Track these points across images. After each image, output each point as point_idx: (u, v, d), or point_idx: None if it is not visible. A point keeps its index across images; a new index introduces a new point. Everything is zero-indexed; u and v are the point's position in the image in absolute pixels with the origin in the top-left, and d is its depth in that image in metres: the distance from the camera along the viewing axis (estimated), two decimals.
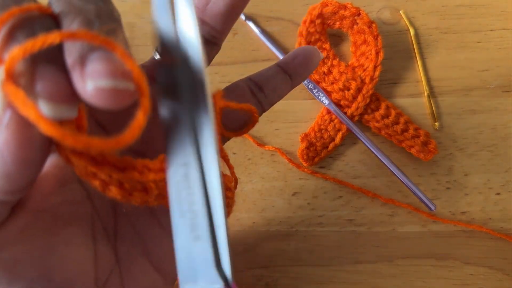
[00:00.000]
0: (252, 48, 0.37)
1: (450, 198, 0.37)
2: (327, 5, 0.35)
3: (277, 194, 0.37)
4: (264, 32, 0.37)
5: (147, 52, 0.37)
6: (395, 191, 0.36)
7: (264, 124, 0.37)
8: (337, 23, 0.36)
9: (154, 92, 0.16)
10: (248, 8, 0.37)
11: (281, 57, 0.37)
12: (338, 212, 0.37)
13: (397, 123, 0.36)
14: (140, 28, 0.37)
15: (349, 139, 0.37)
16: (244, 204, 0.37)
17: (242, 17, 0.37)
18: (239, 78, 0.37)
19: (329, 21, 0.36)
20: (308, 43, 0.36)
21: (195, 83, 0.16)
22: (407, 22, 0.37)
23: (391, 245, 0.36)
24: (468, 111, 0.37)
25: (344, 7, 0.35)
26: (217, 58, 0.37)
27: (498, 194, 0.37)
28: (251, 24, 0.37)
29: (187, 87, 0.16)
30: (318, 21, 0.36)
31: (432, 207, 0.34)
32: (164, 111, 0.17)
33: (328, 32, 0.37)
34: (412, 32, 0.37)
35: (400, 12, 0.38)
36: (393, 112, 0.36)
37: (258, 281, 0.36)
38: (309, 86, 0.36)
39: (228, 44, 0.37)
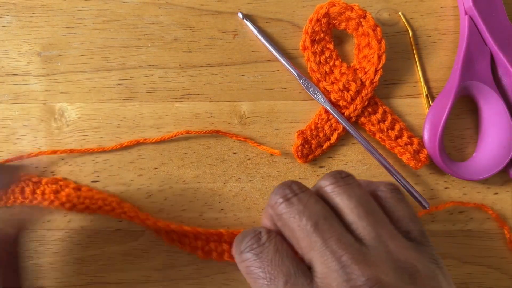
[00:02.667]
0: (252, 49, 0.38)
1: (449, 198, 0.37)
2: (334, 5, 0.36)
3: None
4: (262, 31, 0.37)
5: (149, 53, 0.38)
6: None
7: (264, 124, 0.37)
8: (343, 24, 0.37)
9: None
10: (247, 9, 0.38)
11: (278, 56, 0.37)
12: None
13: (392, 128, 0.36)
14: (141, 30, 0.38)
15: (349, 139, 0.37)
16: (244, 204, 0.37)
17: (240, 15, 0.37)
18: (239, 79, 0.38)
19: (335, 21, 0.37)
20: (313, 41, 0.36)
21: None
22: (406, 23, 0.38)
23: None
24: (466, 111, 0.38)
25: (351, 9, 0.35)
26: (217, 59, 0.38)
27: (496, 194, 0.37)
28: (248, 23, 0.37)
29: None
30: (324, 20, 0.36)
31: (426, 205, 0.35)
32: None
33: (333, 32, 0.38)
34: (410, 33, 0.38)
35: (399, 13, 0.38)
36: (389, 118, 0.37)
37: None
38: (305, 85, 0.36)
39: (228, 45, 0.38)
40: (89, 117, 0.37)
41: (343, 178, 0.27)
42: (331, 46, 0.37)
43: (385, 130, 0.36)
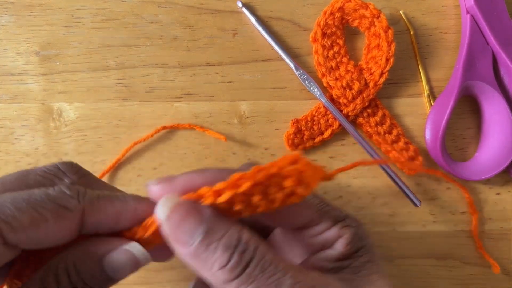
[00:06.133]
0: (252, 48, 0.38)
1: (450, 198, 0.37)
2: (350, 1, 0.35)
3: None
4: (260, 22, 0.37)
5: (147, 52, 0.37)
6: (395, 191, 0.37)
7: (264, 124, 0.37)
8: (356, 21, 0.36)
9: None
10: (248, 8, 0.37)
11: (277, 48, 0.36)
12: None
13: (389, 133, 0.36)
14: (140, 28, 0.37)
15: (350, 139, 0.37)
16: None
17: (239, 4, 0.37)
18: (239, 78, 0.37)
19: (349, 17, 0.36)
20: (324, 34, 0.36)
21: None
22: (407, 22, 0.38)
23: (391, 245, 0.36)
24: (468, 110, 0.37)
25: (366, 7, 0.35)
26: (217, 58, 0.37)
27: (498, 194, 0.37)
28: (246, 12, 0.37)
29: None
30: (338, 15, 0.36)
31: (418, 203, 0.35)
32: None
33: (346, 29, 0.37)
34: (412, 32, 0.37)
35: (400, 12, 0.38)
36: (388, 122, 0.36)
37: None
38: (301, 77, 0.36)
39: (228, 44, 0.38)
40: (88, 117, 0.37)
41: None
42: (341, 42, 0.36)
43: (382, 133, 0.36)
